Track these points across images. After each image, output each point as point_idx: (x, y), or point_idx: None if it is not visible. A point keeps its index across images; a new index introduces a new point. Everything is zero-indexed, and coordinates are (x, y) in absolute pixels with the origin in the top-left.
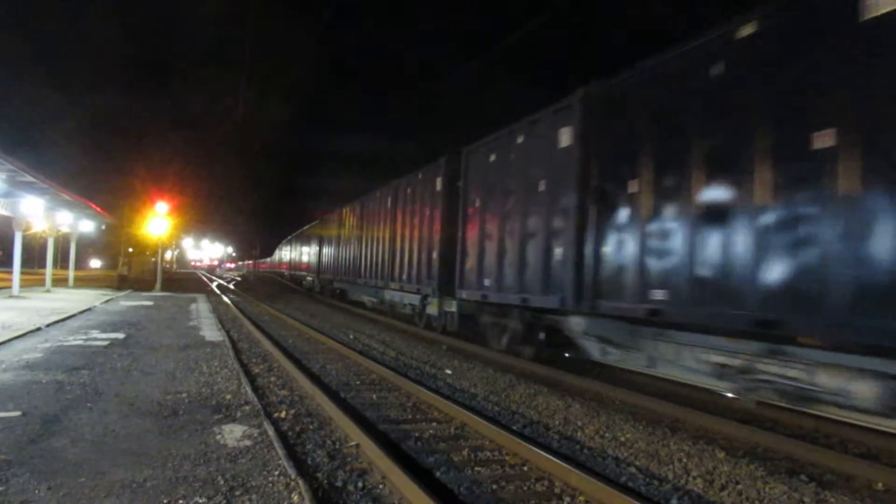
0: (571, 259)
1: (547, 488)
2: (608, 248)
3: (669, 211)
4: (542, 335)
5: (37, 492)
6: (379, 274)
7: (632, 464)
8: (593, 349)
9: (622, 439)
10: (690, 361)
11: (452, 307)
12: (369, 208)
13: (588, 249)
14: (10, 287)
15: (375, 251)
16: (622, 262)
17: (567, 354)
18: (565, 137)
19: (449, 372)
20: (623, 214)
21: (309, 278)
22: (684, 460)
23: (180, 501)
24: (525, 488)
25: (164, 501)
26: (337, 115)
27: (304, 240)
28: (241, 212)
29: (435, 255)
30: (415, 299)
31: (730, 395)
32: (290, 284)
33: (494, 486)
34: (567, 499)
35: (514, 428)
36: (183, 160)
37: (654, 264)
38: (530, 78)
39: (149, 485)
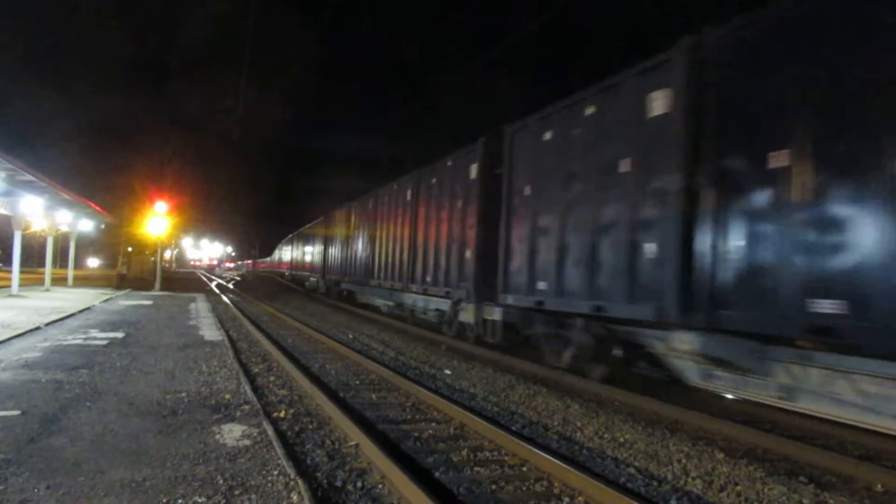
0: (673, 257)
1: (546, 489)
2: (735, 243)
3: (845, 189)
4: (618, 351)
5: (36, 491)
6: (396, 275)
7: (631, 464)
8: (693, 372)
9: (621, 440)
10: (852, 394)
11: (495, 315)
12: (384, 203)
13: (701, 245)
14: (9, 286)
15: (392, 250)
16: (760, 261)
17: (648, 374)
18: (659, 103)
19: (448, 372)
20: (760, 197)
21: (313, 279)
22: (683, 461)
23: (179, 501)
24: (524, 488)
25: (164, 501)
26: (337, 114)
27: (308, 238)
28: (240, 211)
29: (469, 253)
30: (443, 304)
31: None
32: (290, 285)
33: (493, 487)
34: (566, 499)
35: (514, 428)
36: (182, 159)
37: (815, 263)
38: (531, 78)
39: (148, 484)
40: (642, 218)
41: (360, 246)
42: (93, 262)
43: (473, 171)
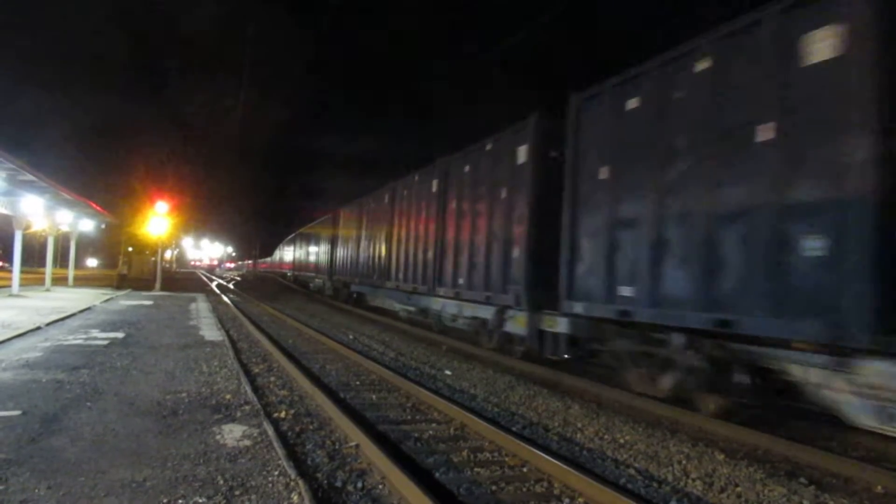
0: (860, 255)
1: (546, 489)
2: None
3: None
4: (742, 378)
5: (36, 491)
6: (419, 277)
7: (631, 465)
8: (868, 410)
9: (621, 441)
10: None
11: (558, 326)
12: (403, 197)
13: None
14: (9, 286)
15: (413, 249)
16: None
17: (780, 406)
18: (824, 45)
19: (448, 373)
20: None
21: (318, 280)
22: (684, 462)
23: (180, 501)
24: (524, 489)
25: (164, 501)
26: (336, 115)
27: (312, 237)
28: (240, 211)
29: (517, 252)
30: (484, 311)
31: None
32: (291, 286)
33: (494, 487)
34: (566, 500)
35: (514, 429)
36: (183, 160)
37: None
38: (526, 81)
39: (148, 484)
40: (797, 202)
41: (373, 245)
42: (91, 262)
43: (522, 154)
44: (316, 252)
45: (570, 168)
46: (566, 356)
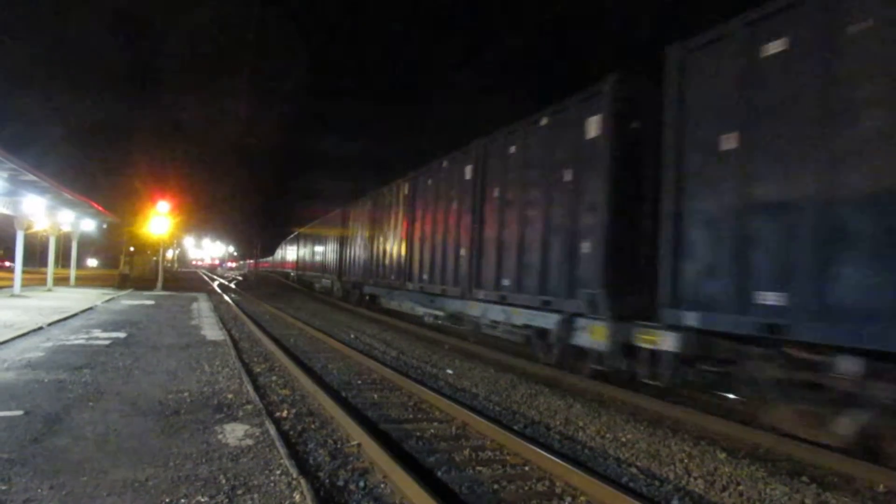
0: None
1: (548, 488)
2: None
3: None
4: None
5: (39, 491)
6: (450, 278)
7: (633, 464)
8: None
9: (623, 440)
10: None
11: (663, 341)
12: (427, 186)
13: None
14: (11, 286)
15: (443, 245)
16: None
17: None
18: None
19: (450, 372)
20: None
21: (325, 281)
22: (685, 461)
23: (182, 500)
24: (526, 488)
25: (166, 500)
26: (337, 116)
27: (318, 236)
28: (242, 211)
29: (588, 247)
30: (540, 319)
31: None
32: (293, 285)
33: (496, 486)
34: (568, 499)
35: (516, 428)
36: (184, 160)
37: None
38: (524, 82)
39: (150, 484)
40: None
41: (389, 243)
42: (90, 262)
43: (593, 127)
44: (322, 251)
45: (669, 140)
46: (672, 379)
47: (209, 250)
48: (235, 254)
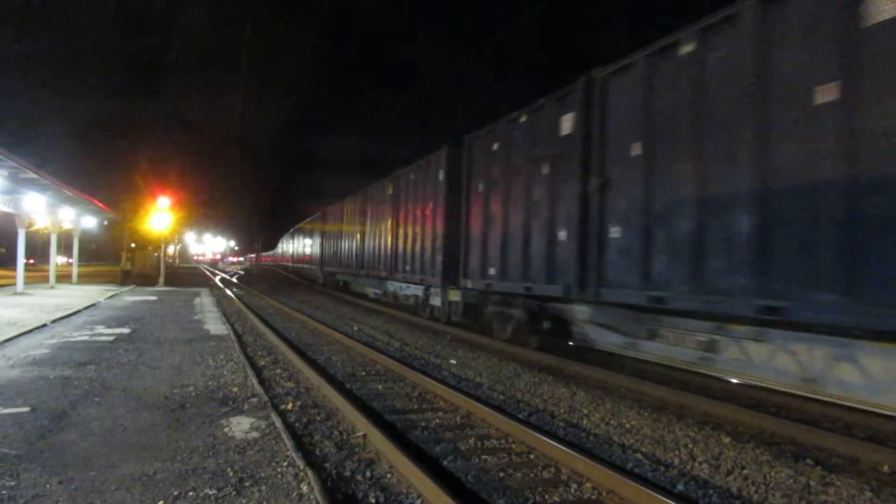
0: None
1: (554, 475)
2: None
3: None
4: None
5: (48, 486)
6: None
7: (638, 450)
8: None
9: (628, 426)
10: None
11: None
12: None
13: None
14: (14, 284)
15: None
16: None
17: None
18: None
19: (454, 362)
20: None
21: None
22: (690, 446)
23: (190, 493)
24: (532, 476)
25: (175, 493)
26: (336, 112)
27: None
28: (242, 206)
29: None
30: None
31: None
32: (293, 278)
33: (501, 474)
34: (574, 485)
35: (520, 416)
36: (184, 157)
37: None
38: (523, 73)
39: (158, 477)
40: None
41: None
42: (66, 259)
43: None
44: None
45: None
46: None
47: (210, 245)
48: (236, 249)
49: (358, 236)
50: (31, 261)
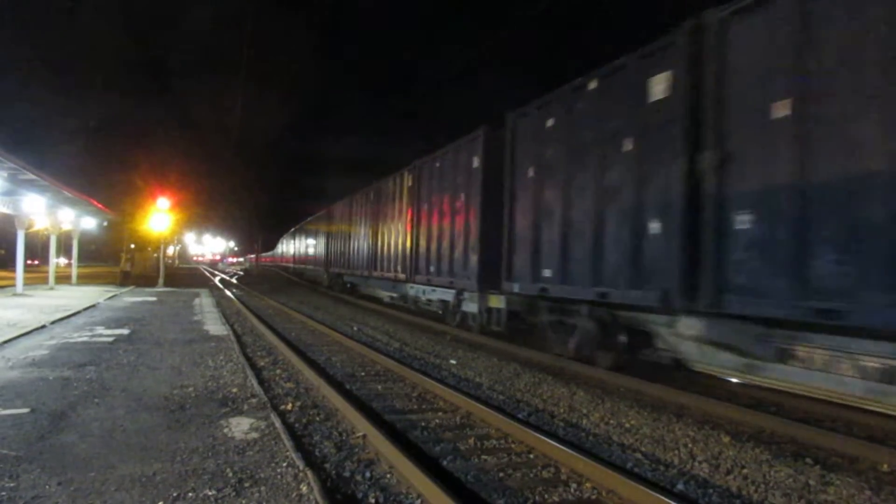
0: None
1: (553, 475)
2: None
3: None
4: None
5: (48, 487)
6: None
7: (637, 450)
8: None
9: (627, 426)
10: None
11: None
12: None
13: None
14: (13, 285)
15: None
16: None
17: None
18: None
19: (453, 362)
20: None
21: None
22: (690, 445)
23: (190, 494)
24: (532, 475)
25: (174, 494)
26: (335, 112)
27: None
28: (242, 206)
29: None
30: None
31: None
32: (293, 278)
33: (501, 474)
34: (573, 485)
35: (520, 416)
36: (184, 157)
37: None
38: (522, 73)
39: (158, 478)
40: None
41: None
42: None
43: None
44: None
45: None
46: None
47: (210, 246)
48: (236, 249)
49: (369, 234)
50: (36, 262)
